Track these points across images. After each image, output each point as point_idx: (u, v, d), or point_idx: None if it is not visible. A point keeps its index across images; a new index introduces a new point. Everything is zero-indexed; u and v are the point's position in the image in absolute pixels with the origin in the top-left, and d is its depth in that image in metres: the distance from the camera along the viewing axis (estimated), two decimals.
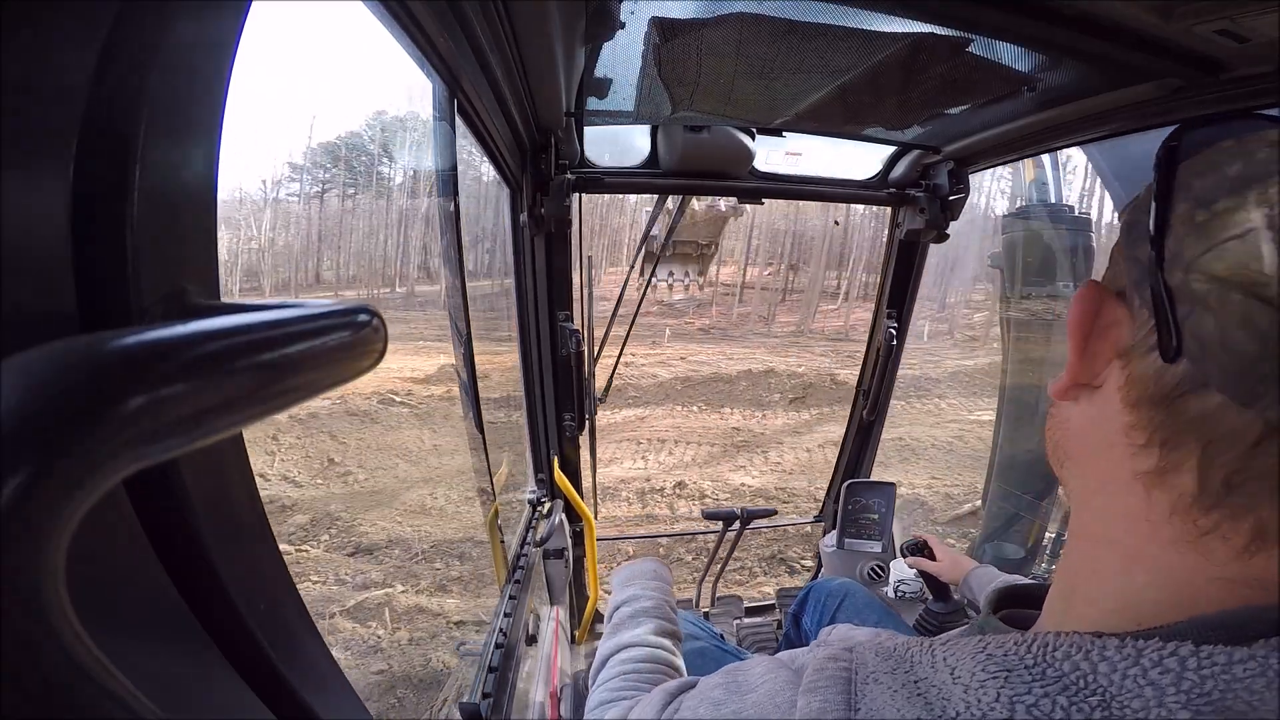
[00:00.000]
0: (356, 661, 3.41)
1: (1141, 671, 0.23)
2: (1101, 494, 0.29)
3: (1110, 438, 0.28)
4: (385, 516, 5.23)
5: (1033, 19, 0.66)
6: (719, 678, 0.39)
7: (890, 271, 1.57)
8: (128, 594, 0.20)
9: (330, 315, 0.18)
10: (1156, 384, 0.26)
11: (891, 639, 0.34)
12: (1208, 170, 0.27)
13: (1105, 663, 0.24)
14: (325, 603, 3.81)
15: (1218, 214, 0.24)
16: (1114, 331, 0.29)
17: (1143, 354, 0.27)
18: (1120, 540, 0.28)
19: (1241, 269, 0.23)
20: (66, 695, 0.11)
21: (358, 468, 6.26)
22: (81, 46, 0.18)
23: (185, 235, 0.22)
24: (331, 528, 4.96)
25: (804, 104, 0.98)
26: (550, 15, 0.60)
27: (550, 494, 1.44)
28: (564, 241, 1.27)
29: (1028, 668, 0.26)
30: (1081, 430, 0.31)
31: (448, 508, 5.53)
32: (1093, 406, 0.30)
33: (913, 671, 0.29)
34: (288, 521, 4.96)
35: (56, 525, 0.10)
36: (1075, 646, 0.25)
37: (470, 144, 0.83)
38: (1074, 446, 0.32)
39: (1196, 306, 0.24)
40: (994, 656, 0.27)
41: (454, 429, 7.13)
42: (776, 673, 0.35)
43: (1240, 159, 0.26)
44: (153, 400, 0.12)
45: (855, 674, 0.30)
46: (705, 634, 1.01)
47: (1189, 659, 0.23)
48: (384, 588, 4.25)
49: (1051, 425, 0.35)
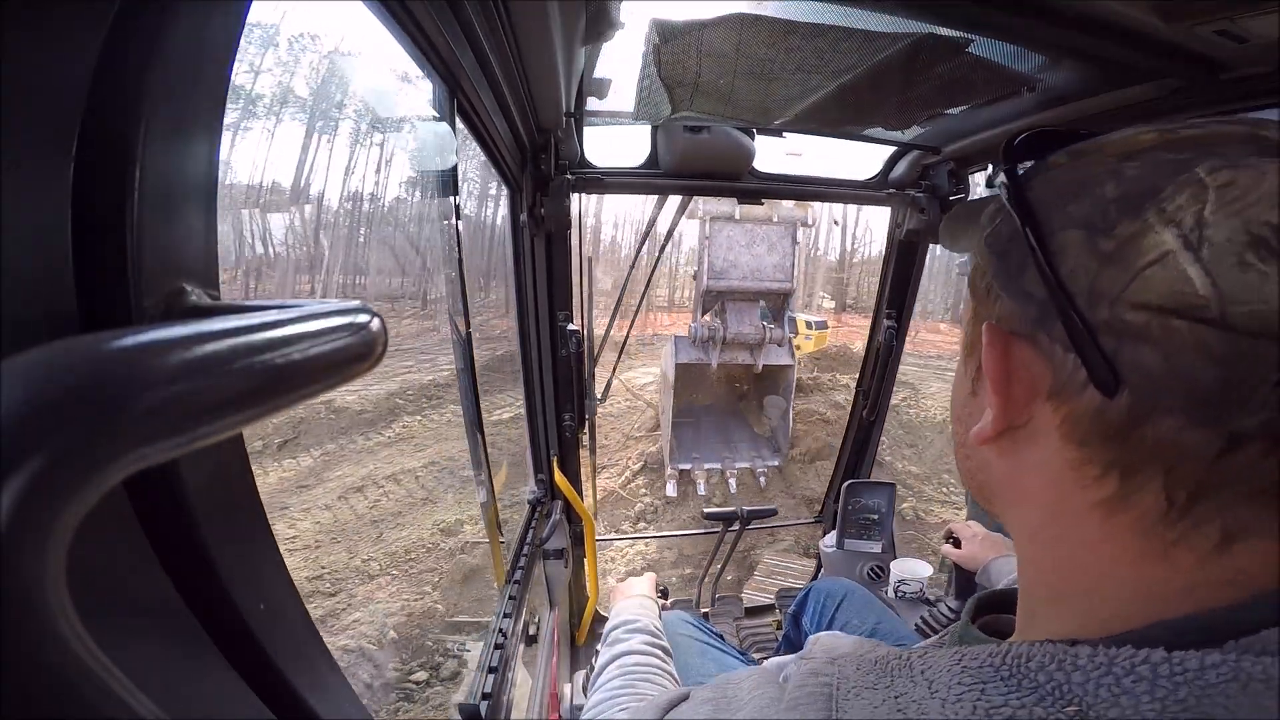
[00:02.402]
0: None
1: (1115, 680, 0.23)
2: (1052, 527, 0.29)
3: (1053, 474, 0.28)
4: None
5: (1033, 19, 0.66)
6: (709, 691, 0.38)
7: (890, 272, 1.57)
8: (128, 594, 0.20)
9: (330, 315, 0.18)
10: (1101, 419, 0.25)
11: (875, 650, 0.33)
12: (1074, 193, 0.26)
13: (1079, 672, 0.24)
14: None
15: (1125, 240, 0.24)
16: (1025, 372, 0.28)
17: (1076, 392, 0.26)
18: (1080, 564, 0.28)
19: (1175, 295, 0.22)
20: (67, 695, 0.11)
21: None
22: (81, 46, 0.18)
23: (185, 235, 0.22)
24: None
25: (804, 104, 0.98)
26: (550, 15, 0.60)
27: (550, 494, 1.44)
28: (564, 242, 1.27)
29: (1003, 679, 0.25)
30: (1013, 472, 0.30)
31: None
32: (1022, 447, 0.29)
33: (893, 685, 0.29)
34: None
35: (57, 525, 0.10)
36: (1049, 656, 0.25)
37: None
38: (1005, 488, 0.32)
39: (1127, 339, 0.23)
40: (969, 669, 0.27)
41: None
42: (764, 688, 0.34)
43: (1109, 178, 0.25)
44: (153, 401, 0.12)
45: (836, 689, 0.30)
46: (706, 634, 1.00)
47: (1160, 665, 0.22)
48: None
49: (970, 468, 0.34)
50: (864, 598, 1.13)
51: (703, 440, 6.16)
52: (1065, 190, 0.27)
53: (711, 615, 1.79)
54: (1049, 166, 0.29)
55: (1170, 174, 0.24)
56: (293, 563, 2.13)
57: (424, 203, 16.90)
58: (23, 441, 0.10)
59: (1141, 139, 0.26)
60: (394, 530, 5.27)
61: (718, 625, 1.60)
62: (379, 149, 22.55)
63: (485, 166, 0.96)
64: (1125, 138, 0.27)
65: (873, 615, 1.08)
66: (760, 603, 1.94)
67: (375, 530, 5.33)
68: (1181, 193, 0.23)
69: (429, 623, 4.17)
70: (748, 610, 1.87)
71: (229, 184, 15.41)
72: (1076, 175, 0.27)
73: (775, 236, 5.63)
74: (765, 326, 5.82)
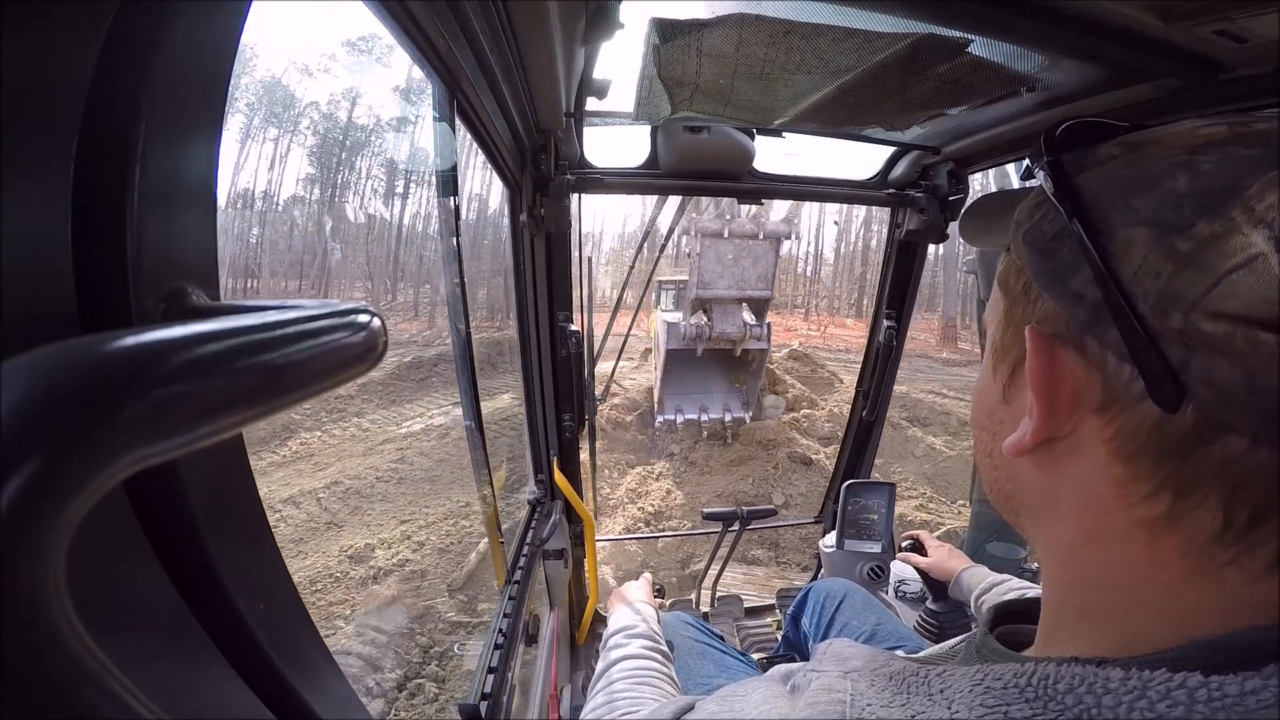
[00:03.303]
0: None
1: (1148, 704, 0.22)
2: (1089, 544, 0.28)
3: (1094, 490, 0.26)
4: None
5: (1033, 19, 0.66)
6: (714, 703, 0.37)
7: (889, 272, 1.57)
8: (128, 594, 0.20)
9: (330, 315, 0.18)
10: (1158, 435, 0.23)
11: (889, 664, 0.32)
12: (1137, 188, 0.24)
13: (1110, 695, 0.23)
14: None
15: (1205, 241, 0.21)
16: (1070, 381, 0.26)
17: (1129, 404, 0.24)
18: (1118, 584, 0.27)
19: (1265, 304, 0.20)
20: (67, 695, 0.11)
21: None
22: (81, 46, 0.18)
23: (185, 235, 0.22)
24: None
25: (804, 104, 0.98)
26: (550, 16, 0.60)
27: (550, 495, 1.44)
28: (564, 242, 1.27)
29: (1028, 701, 0.24)
30: (1048, 486, 0.29)
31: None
32: (1061, 460, 0.28)
33: (909, 704, 0.28)
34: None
35: (58, 526, 0.10)
36: (1078, 678, 0.24)
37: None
38: (1037, 502, 0.30)
39: (1199, 350, 0.21)
40: (992, 690, 0.26)
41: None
42: (773, 701, 0.33)
43: (1180, 171, 0.23)
44: (153, 401, 0.12)
45: (850, 706, 0.29)
46: (706, 635, 1.00)
47: (1198, 690, 0.21)
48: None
49: (998, 479, 0.32)
50: (864, 598, 1.13)
51: (688, 386, 7.24)
52: (1125, 185, 0.25)
53: (711, 616, 1.79)
54: (1100, 159, 0.26)
55: (1251, 170, 0.22)
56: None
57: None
58: (23, 442, 0.10)
59: (1206, 131, 0.24)
60: (294, 559, 4.82)
61: (718, 625, 1.60)
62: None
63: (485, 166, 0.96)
64: (1188, 130, 0.24)
65: (873, 616, 1.08)
66: (759, 603, 1.94)
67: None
68: (1271, 191, 0.21)
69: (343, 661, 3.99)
70: (747, 610, 1.87)
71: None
72: (1138, 169, 0.25)
73: (760, 250, 6.15)
74: (747, 324, 6.59)
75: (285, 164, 21.31)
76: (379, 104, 23.42)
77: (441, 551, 4.70)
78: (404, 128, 23.26)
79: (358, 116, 23.30)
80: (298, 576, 4.80)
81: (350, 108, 22.91)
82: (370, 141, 22.85)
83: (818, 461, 6.90)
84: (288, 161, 21.28)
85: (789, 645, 1.28)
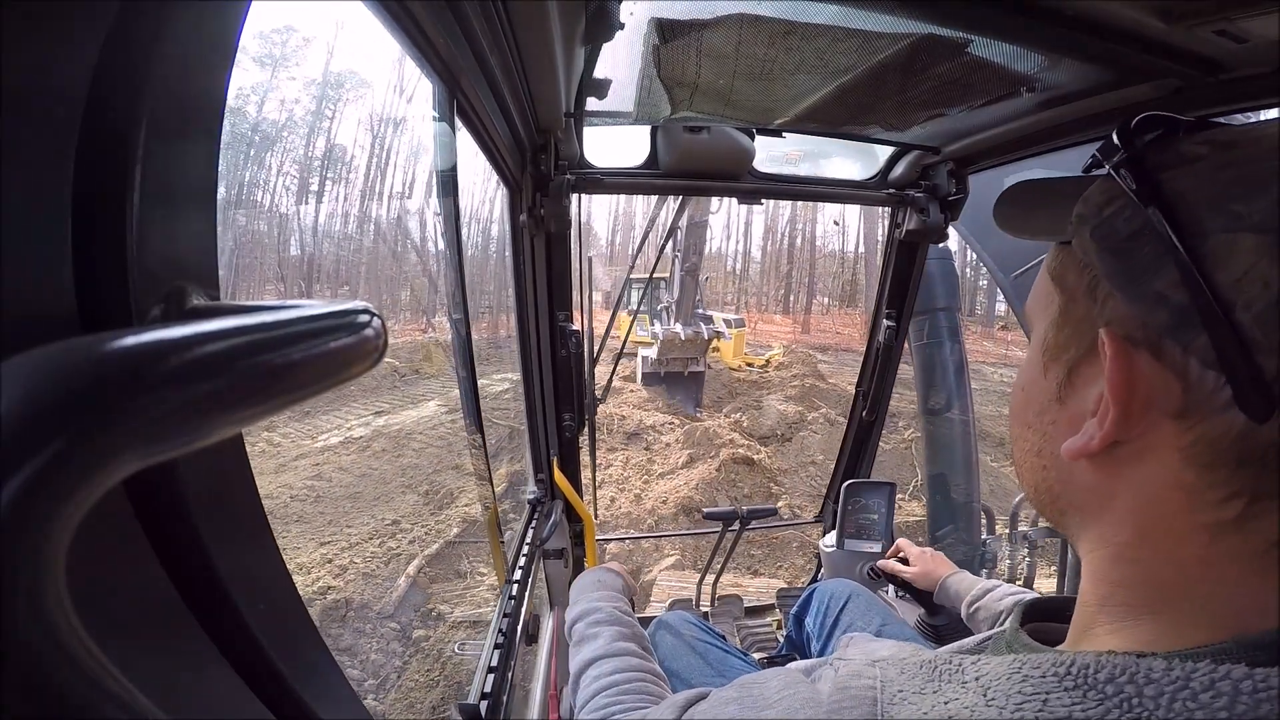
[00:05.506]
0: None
1: (1191, 695, 0.22)
2: (1144, 545, 0.27)
3: (1158, 494, 0.26)
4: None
5: (1033, 19, 0.66)
6: (732, 691, 0.37)
7: (889, 272, 1.57)
8: (128, 594, 0.20)
9: (329, 315, 0.18)
10: (1242, 445, 0.23)
11: (917, 654, 0.32)
12: (1238, 191, 0.23)
13: (1152, 685, 0.23)
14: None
15: None
16: (1145, 385, 0.25)
17: (1212, 412, 0.23)
18: (1168, 582, 0.27)
19: None
20: (66, 695, 0.11)
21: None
22: (81, 46, 0.18)
23: (185, 235, 0.22)
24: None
25: (804, 104, 0.98)
26: (550, 15, 0.60)
27: (550, 494, 1.44)
28: (564, 242, 1.27)
29: (1067, 690, 0.24)
30: (1104, 488, 0.28)
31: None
32: (1125, 464, 0.27)
33: (941, 691, 0.28)
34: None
35: (57, 526, 0.10)
36: (1119, 668, 0.24)
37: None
38: (1090, 503, 0.29)
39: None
40: (1030, 678, 0.25)
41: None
42: (795, 688, 0.33)
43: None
44: (153, 402, 0.12)
45: (881, 692, 0.29)
46: (707, 634, 1.00)
47: (1243, 682, 0.21)
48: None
49: (1046, 479, 0.32)
50: (869, 599, 1.13)
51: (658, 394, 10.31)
52: (1224, 186, 0.24)
53: (711, 615, 1.79)
54: (1187, 158, 0.25)
55: None
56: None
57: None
58: (23, 441, 0.10)
59: None
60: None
61: (718, 625, 1.60)
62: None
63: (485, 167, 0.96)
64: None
65: (878, 617, 1.07)
66: (759, 602, 1.94)
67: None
68: None
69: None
70: (748, 610, 1.87)
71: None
72: (1238, 171, 0.24)
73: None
74: (699, 332, 9.29)
75: (284, 164, 21.35)
76: (378, 104, 23.47)
77: (368, 576, 4.36)
78: (403, 127, 23.34)
79: (357, 117, 23.31)
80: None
81: (350, 108, 22.93)
82: (368, 141, 22.92)
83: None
84: (285, 163, 21.31)
85: (791, 645, 1.28)
